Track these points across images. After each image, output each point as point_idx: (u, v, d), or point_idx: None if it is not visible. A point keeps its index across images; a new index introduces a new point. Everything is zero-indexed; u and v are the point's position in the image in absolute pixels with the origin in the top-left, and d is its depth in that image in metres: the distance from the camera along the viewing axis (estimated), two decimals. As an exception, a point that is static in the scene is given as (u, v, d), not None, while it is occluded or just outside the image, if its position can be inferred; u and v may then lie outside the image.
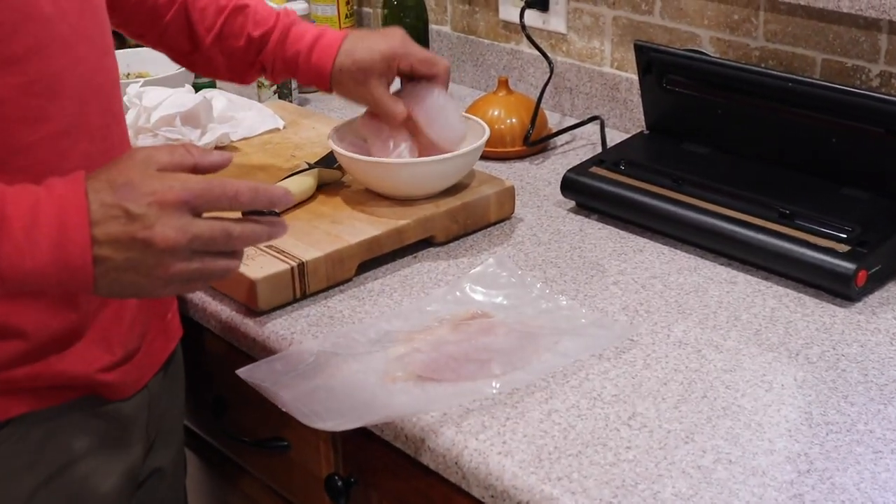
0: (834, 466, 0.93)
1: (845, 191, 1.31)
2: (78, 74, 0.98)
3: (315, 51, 1.30)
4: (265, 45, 1.31)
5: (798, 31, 1.47)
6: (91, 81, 1.00)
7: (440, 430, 0.99)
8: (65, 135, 0.97)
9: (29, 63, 0.93)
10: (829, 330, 1.14)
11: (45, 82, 0.95)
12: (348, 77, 1.29)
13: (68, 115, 0.97)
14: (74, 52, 0.98)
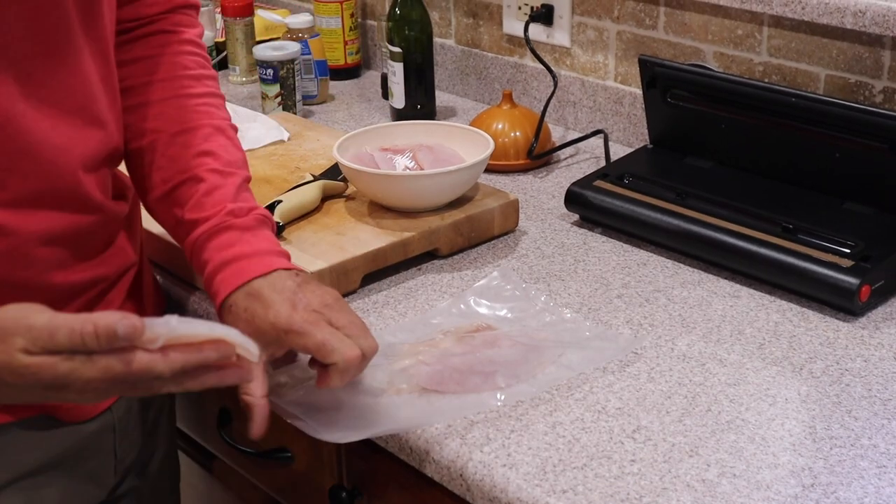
0: (838, 481, 0.93)
1: (848, 206, 1.31)
2: (50, 154, 0.95)
3: (223, 272, 1.05)
4: (189, 233, 1.09)
5: (802, 47, 1.47)
6: (58, 158, 0.97)
7: (445, 442, 1.00)
8: (29, 204, 0.95)
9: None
10: (833, 344, 1.14)
11: (12, 156, 0.93)
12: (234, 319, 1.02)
13: (30, 188, 0.94)
14: (45, 129, 0.95)
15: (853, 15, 1.37)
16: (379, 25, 2.01)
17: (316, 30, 1.98)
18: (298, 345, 0.99)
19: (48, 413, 1.01)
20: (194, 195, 1.08)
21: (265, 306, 1.00)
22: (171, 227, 1.12)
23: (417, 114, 1.78)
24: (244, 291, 1.02)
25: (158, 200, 1.11)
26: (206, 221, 1.07)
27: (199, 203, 1.08)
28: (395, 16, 1.76)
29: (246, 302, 1.01)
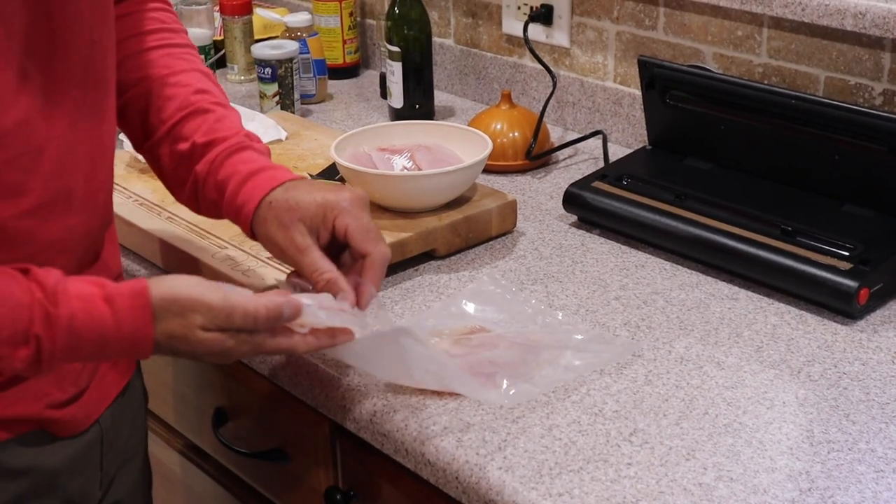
0: (835, 485, 0.93)
1: (847, 208, 1.31)
2: (63, 150, 0.95)
3: (255, 178, 1.08)
4: (204, 155, 1.10)
5: (801, 49, 1.47)
6: (71, 155, 0.96)
7: (440, 444, 0.99)
8: (42, 209, 0.94)
9: (13, 138, 0.90)
10: (831, 348, 1.14)
11: (31, 157, 0.92)
12: (274, 215, 1.05)
13: (50, 190, 0.94)
14: (62, 125, 0.95)
15: (853, 17, 1.36)
16: (378, 25, 2.01)
17: (314, 29, 1.97)
18: (342, 224, 1.04)
19: (44, 428, 1.00)
20: (204, 123, 1.10)
21: (310, 191, 1.06)
22: (176, 160, 1.11)
23: (416, 113, 1.78)
24: (282, 188, 1.06)
25: (162, 139, 1.11)
26: (225, 141, 1.09)
27: (213, 128, 1.10)
28: (394, 15, 1.75)
29: (286, 194, 1.06)
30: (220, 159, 1.09)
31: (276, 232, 1.05)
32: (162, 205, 1.39)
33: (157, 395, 1.46)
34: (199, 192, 1.11)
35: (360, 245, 1.04)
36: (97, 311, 0.89)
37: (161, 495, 1.55)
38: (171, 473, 1.52)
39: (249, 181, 1.07)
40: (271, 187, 1.06)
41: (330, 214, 1.04)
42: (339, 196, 1.05)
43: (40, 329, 0.87)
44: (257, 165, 1.09)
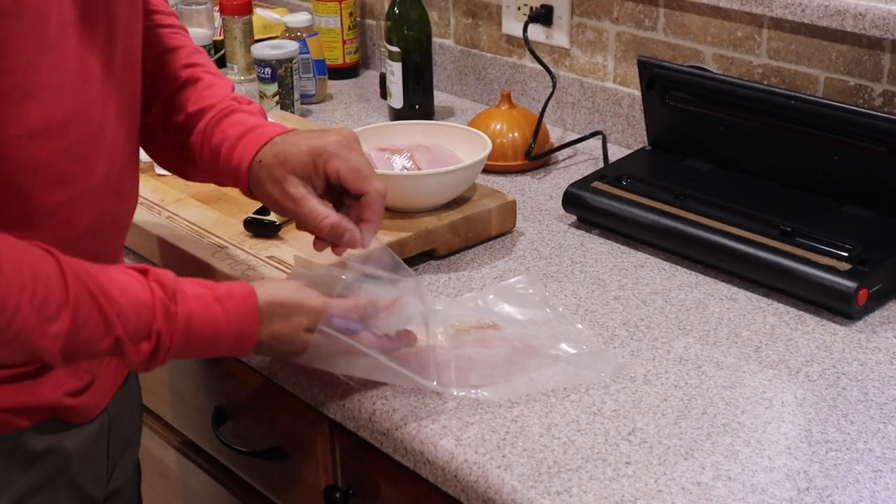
0: (833, 485, 0.93)
1: (847, 209, 1.31)
2: (111, 137, 0.98)
3: (244, 139, 1.08)
4: (195, 126, 1.11)
5: (801, 49, 1.47)
6: (117, 142, 0.99)
7: (439, 442, 0.99)
8: (88, 195, 0.96)
9: (71, 127, 0.92)
10: (830, 348, 1.14)
11: (83, 145, 0.94)
12: (266, 173, 1.06)
13: (95, 176, 0.97)
14: (112, 114, 0.97)
15: (853, 17, 1.37)
16: (378, 25, 2.01)
17: (314, 29, 1.97)
18: (332, 168, 1.04)
19: (60, 416, 1.01)
20: (194, 93, 1.12)
21: (296, 142, 1.06)
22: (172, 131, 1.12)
23: (416, 114, 1.78)
24: (269, 145, 1.07)
25: (158, 115, 1.12)
26: (213, 108, 1.10)
27: (201, 96, 1.11)
28: (394, 15, 1.75)
29: (275, 150, 1.06)
30: (212, 125, 1.10)
31: (271, 189, 1.06)
32: (162, 204, 1.40)
33: (157, 394, 1.47)
34: (199, 163, 1.12)
35: (354, 186, 1.05)
36: (211, 310, 0.95)
37: (160, 493, 1.55)
38: (170, 472, 1.52)
39: (239, 144, 1.08)
40: (259, 146, 1.07)
41: (319, 161, 1.05)
42: (326, 140, 1.06)
43: (162, 326, 0.92)
44: (246, 127, 1.09)
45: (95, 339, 0.89)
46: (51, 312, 0.86)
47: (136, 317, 0.91)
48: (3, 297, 0.83)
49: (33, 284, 0.85)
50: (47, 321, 0.85)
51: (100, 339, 0.89)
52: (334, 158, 1.05)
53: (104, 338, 0.89)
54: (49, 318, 0.86)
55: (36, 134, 0.89)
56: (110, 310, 0.89)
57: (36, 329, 0.85)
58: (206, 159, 1.11)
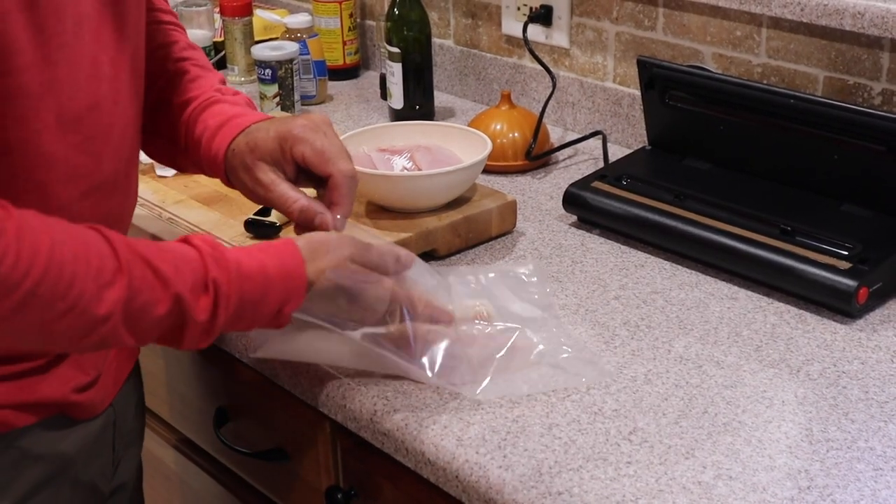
0: (834, 483, 0.93)
1: (846, 208, 1.31)
2: (120, 133, 0.99)
3: (222, 129, 1.10)
4: (181, 115, 1.13)
5: (800, 48, 1.47)
6: (125, 137, 1.01)
7: (441, 443, 0.99)
8: (96, 190, 0.98)
9: (83, 122, 0.94)
10: (830, 347, 1.14)
11: (95, 140, 0.96)
12: (239, 161, 1.07)
13: (104, 171, 0.98)
14: (121, 110, 0.99)
15: (852, 16, 1.37)
16: (378, 26, 2.01)
17: (315, 30, 1.98)
18: (298, 152, 1.05)
19: (65, 412, 1.02)
20: (180, 85, 1.13)
21: (266, 129, 1.07)
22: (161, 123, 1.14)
23: (416, 114, 1.78)
24: (243, 134, 1.08)
25: (149, 109, 1.12)
26: (196, 99, 1.12)
27: (187, 87, 1.13)
28: (394, 16, 1.76)
29: (247, 138, 1.08)
30: (195, 115, 1.11)
31: (243, 177, 1.07)
32: (163, 205, 1.40)
33: (158, 396, 1.47)
34: (186, 154, 1.13)
35: (319, 169, 1.05)
36: (255, 257, 0.95)
37: (162, 494, 1.55)
38: (171, 472, 1.53)
39: (218, 134, 1.09)
40: (234, 135, 1.08)
41: (286, 146, 1.06)
42: (292, 125, 1.06)
43: (216, 273, 0.92)
44: (225, 116, 1.10)
45: (154, 303, 0.89)
46: (107, 279, 0.86)
47: (191, 272, 0.91)
48: (59, 266, 0.83)
49: (86, 253, 0.85)
50: (104, 287, 0.85)
51: (158, 302, 0.89)
52: (300, 142, 1.05)
53: (163, 299, 0.89)
54: (106, 284, 0.86)
55: (52, 129, 0.91)
56: (164, 269, 0.89)
57: (94, 296, 0.85)
58: (190, 150, 1.12)
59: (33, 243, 0.82)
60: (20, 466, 1.00)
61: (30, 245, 0.82)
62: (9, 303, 0.81)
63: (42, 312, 0.83)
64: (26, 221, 0.84)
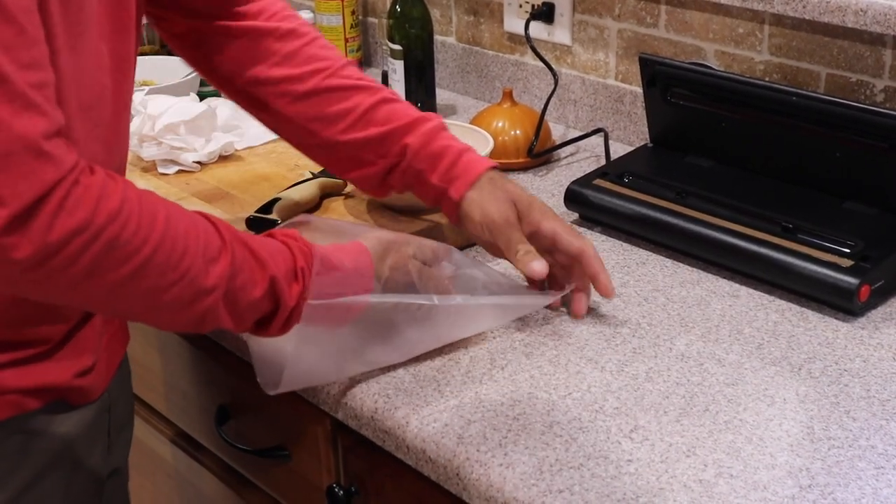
0: (835, 482, 0.93)
1: (848, 205, 1.31)
2: (119, 123, 1.02)
3: (467, 154, 1.19)
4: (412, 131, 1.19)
5: (803, 46, 1.47)
6: (122, 128, 1.04)
7: (441, 441, 0.99)
8: None
9: (94, 110, 0.96)
10: (832, 345, 1.14)
11: (105, 129, 0.98)
12: (489, 191, 1.16)
13: (114, 161, 1.02)
14: (118, 101, 1.01)
15: (854, 14, 1.36)
16: (380, 23, 2.01)
17: (317, 27, 1.97)
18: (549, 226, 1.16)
19: (65, 397, 1.03)
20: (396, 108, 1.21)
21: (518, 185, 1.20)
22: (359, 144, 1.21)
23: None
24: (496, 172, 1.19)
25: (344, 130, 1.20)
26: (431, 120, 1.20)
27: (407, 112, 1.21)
28: (396, 13, 1.75)
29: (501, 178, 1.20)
30: (433, 133, 1.19)
31: (489, 204, 1.15)
32: (164, 203, 1.40)
33: (160, 392, 1.47)
34: (400, 164, 1.20)
35: (573, 242, 1.16)
36: (334, 253, 1.03)
37: (163, 491, 1.55)
38: (172, 469, 1.53)
39: (464, 156, 1.18)
40: (488, 166, 1.18)
41: (537, 214, 1.16)
42: (544, 204, 1.19)
43: (303, 262, 0.99)
44: (465, 145, 1.20)
45: (253, 283, 0.95)
46: (213, 254, 0.92)
47: (283, 259, 0.97)
48: (173, 238, 0.89)
49: (195, 230, 0.92)
50: (211, 262, 0.92)
51: (256, 284, 0.95)
52: (550, 218, 1.17)
53: (260, 281, 0.95)
54: (212, 260, 0.92)
55: (72, 114, 0.92)
56: (262, 252, 0.96)
57: (202, 270, 0.91)
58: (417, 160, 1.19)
59: (153, 212, 0.89)
60: (26, 451, 1.01)
61: (150, 213, 0.88)
62: (128, 268, 0.87)
63: (156, 280, 0.89)
64: (145, 192, 0.90)
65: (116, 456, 1.16)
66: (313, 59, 1.21)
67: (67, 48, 0.90)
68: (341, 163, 1.24)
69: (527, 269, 1.13)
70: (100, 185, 0.85)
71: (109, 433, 1.12)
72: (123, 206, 0.86)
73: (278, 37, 1.20)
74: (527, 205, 1.17)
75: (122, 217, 0.86)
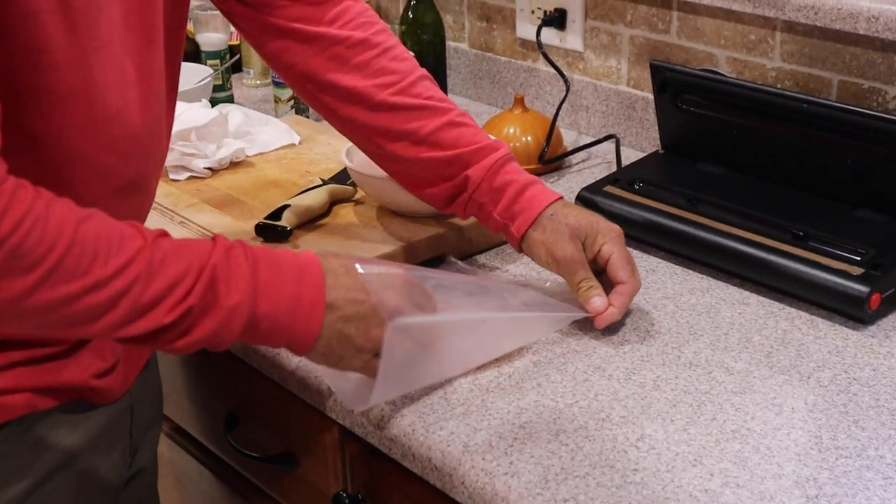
0: (843, 492, 0.92)
1: (859, 213, 1.30)
2: (146, 136, 1.02)
3: (531, 189, 1.19)
4: (478, 161, 1.19)
5: (814, 52, 1.46)
6: (152, 141, 1.04)
7: (447, 449, 0.99)
8: (122, 190, 1.00)
9: (112, 124, 0.96)
10: (842, 353, 1.13)
11: (123, 142, 0.98)
12: (553, 227, 1.16)
13: (129, 173, 1.01)
14: (148, 115, 1.01)
15: (866, 20, 1.36)
16: (392, 29, 2.01)
17: (330, 33, 1.97)
18: (608, 250, 1.16)
19: (84, 397, 1.04)
20: (466, 132, 1.22)
21: (580, 213, 1.19)
22: (425, 163, 1.21)
23: (429, 118, 1.77)
24: (559, 203, 1.19)
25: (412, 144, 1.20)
26: (497, 150, 1.20)
27: (475, 139, 1.21)
28: (409, 19, 1.76)
29: (564, 209, 1.19)
30: (496, 167, 1.19)
31: (552, 244, 1.16)
32: (175, 209, 1.40)
33: (169, 399, 1.47)
34: (462, 194, 1.20)
35: (619, 273, 1.15)
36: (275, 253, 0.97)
37: (172, 496, 1.56)
38: (181, 475, 1.53)
39: (527, 191, 1.18)
40: (550, 201, 1.17)
41: (600, 238, 1.16)
42: (608, 225, 1.18)
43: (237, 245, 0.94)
44: (529, 178, 1.19)
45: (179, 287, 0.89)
46: (127, 257, 0.88)
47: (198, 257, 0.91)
48: (82, 244, 0.85)
49: (108, 235, 0.88)
50: (125, 265, 0.87)
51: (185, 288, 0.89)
52: (612, 242, 1.17)
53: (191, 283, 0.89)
54: (126, 263, 0.87)
55: (81, 128, 0.93)
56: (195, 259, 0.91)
57: (115, 274, 0.87)
58: (479, 194, 1.19)
59: (61, 221, 0.85)
60: (39, 449, 1.02)
61: (57, 222, 0.84)
62: (32, 277, 0.83)
63: (65, 288, 0.85)
64: (60, 200, 0.86)
65: (142, 456, 1.18)
66: (383, 73, 1.19)
67: (73, 63, 0.90)
68: (406, 178, 1.24)
69: (587, 304, 1.14)
70: (8, 195, 0.83)
71: (132, 434, 1.13)
72: (28, 216, 0.83)
73: (349, 45, 1.19)
74: (590, 231, 1.16)
75: (26, 226, 0.83)
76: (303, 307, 0.94)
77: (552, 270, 1.17)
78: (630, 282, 1.16)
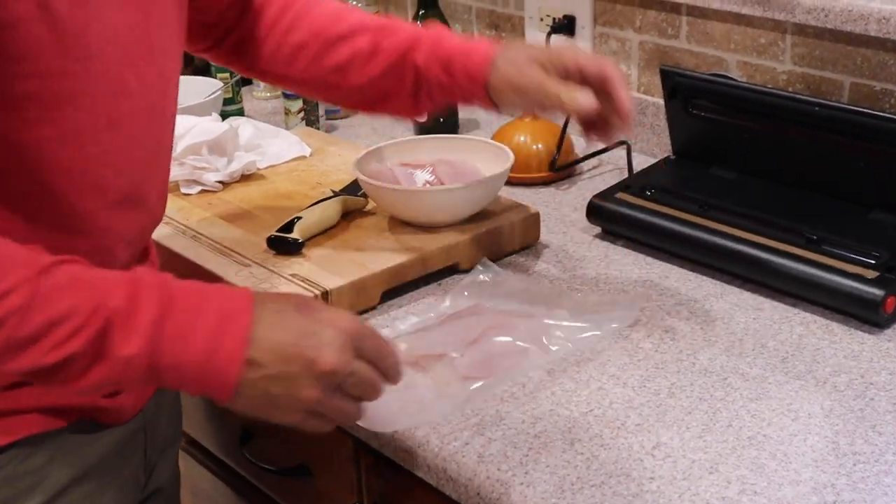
0: (861, 498, 0.92)
1: (873, 216, 1.29)
2: (144, 149, 1.01)
3: (473, 47, 1.19)
4: (416, 49, 1.20)
5: (826, 55, 1.45)
6: (151, 153, 1.03)
7: (462, 460, 0.99)
8: (119, 203, 0.99)
9: (104, 135, 0.95)
10: (858, 357, 1.12)
11: (116, 154, 0.97)
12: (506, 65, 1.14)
13: (127, 185, 1.00)
14: (147, 126, 1.01)
15: (877, 22, 1.35)
16: (402, 39, 2.01)
17: (339, 44, 1.97)
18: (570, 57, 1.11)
19: (94, 417, 1.03)
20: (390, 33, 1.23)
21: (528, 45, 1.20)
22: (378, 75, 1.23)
23: (440, 127, 1.78)
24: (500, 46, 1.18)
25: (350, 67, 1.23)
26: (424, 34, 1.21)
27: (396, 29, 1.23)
28: (417, 29, 1.76)
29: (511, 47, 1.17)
30: (435, 43, 1.20)
31: (515, 79, 1.13)
32: (186, 223, 1.40)
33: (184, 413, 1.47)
34: (420, 85, 1.21)
35: (595, 64, 1.11)
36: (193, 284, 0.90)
37: (189, 512, 1.55)
38: (197, 488, 1.53)
39: (471, 54, 1.17)
40: (493, 52, 1.16)
41: (555, 56, 1.12)
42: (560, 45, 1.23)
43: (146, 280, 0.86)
44: (464, 38, 1.21)
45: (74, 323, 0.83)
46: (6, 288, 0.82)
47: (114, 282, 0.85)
48: None
49: None
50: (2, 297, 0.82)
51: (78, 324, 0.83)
52: (568, 51, 1.13)
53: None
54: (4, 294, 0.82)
55: (69, 138, 0.92)
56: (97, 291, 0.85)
57: None
58: (433, 74, 1.19)
59: None
60: (47, 469, 1.01)
61: None
62: None
63: None
64: None
65: (160, 475, 1.17)
66: (307, 22, 1.24)
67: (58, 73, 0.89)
68: (371, 102, 1.26)
69: (575, 106, 1.09)
70: None
71: (147, 453, 1.12)
72: None
73: (276, 18, 1.25)
74: (546, 54, 1.14)
75: None
76: (217, 361, 0.85)
77: (527, 102, 1.16)
78: (608, 64, 1.11)
